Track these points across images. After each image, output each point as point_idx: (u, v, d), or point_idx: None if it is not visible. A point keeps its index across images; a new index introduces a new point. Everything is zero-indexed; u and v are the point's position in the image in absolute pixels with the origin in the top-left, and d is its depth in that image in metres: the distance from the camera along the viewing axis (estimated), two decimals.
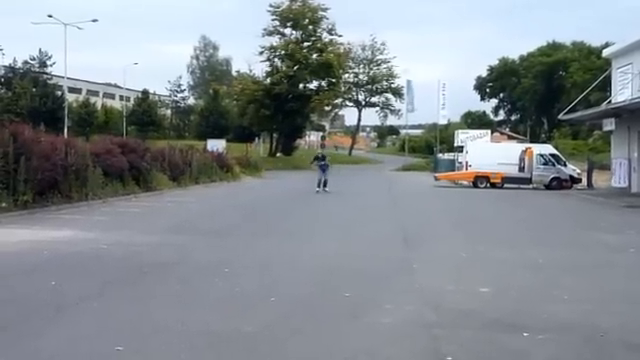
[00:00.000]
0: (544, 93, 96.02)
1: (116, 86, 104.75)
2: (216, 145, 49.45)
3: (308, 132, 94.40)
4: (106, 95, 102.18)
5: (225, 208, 22.33)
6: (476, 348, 6.41)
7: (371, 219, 19.17)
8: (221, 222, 17.37)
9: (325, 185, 30.13)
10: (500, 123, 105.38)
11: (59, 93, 72.67)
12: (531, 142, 57.07)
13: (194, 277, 9.72)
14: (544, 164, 38.57)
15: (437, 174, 44.12)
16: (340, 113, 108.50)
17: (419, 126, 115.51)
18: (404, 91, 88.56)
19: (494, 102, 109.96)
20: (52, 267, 10.28)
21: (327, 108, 78.95)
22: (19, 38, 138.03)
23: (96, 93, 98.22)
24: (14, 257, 11.13)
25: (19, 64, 78.98)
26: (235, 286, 9.00)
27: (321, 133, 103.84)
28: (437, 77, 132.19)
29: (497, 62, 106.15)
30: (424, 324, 7.25)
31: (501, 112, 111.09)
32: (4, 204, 16.49)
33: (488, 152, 41.49)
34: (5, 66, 78.33)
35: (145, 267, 10.38)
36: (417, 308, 7.98)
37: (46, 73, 79.63)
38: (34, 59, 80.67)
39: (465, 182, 40.54)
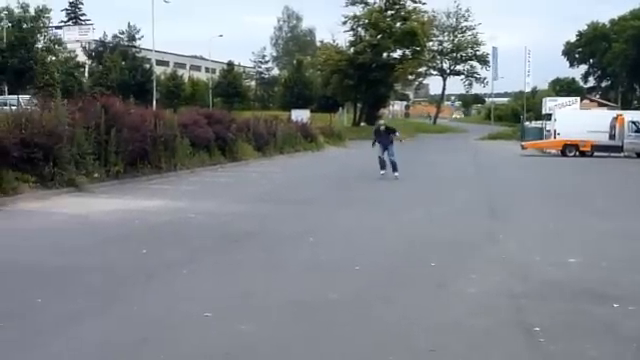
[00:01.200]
0: (636, 58, 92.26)
1: (202, 58, 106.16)
2: (300, 115, 49.71)
3: (392, 101, 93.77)
4: (192, 67, 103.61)
5: (309, 178, 22.48)
6: (564, 319, 6.29)
7: (456, 189, 18.98)
8: (305, 192, 17.50)
9: (394, 168, 21.10)
10: (590, 90, 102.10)
11: (147, 66, 74.10)
12: (622, 109, 55.21)
13: (279, 246, 9.84)
14: (636, 132, 37.28)
15: (524, 142, 43.22)
16: (424, 82, 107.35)
17: (505, 94, 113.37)
18: (489, 58, 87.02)
19: (583, 68, 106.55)
20: (143, 235, 10.56)
21: (411, 77, 78.03)
22: (109, 13, 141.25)
23: (183, 65, 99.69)
24: (107, 226, 11.47)
25: (109, 38, 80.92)
26: (320, 255, 9.08)
27: (405, 102, 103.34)
28: (524, 43, 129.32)
29: (586, 27, 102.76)
30: (510, 294, 7.17)
31: (591, 79, 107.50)
32: (97, 174, 16.95)
33: (577, 120, 40.44)
34: (96, 40, 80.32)
35: (232, 236, 10.57)
36: (503, 278, 7.89)
37: (135, 46, 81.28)
38: (123, 33, 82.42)
39: (553, 151, 39.66)
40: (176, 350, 5.38)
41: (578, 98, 58.65)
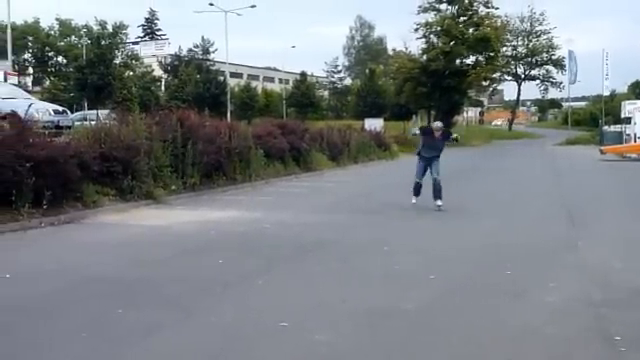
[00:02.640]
0: None
1: (275, 70, 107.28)
2: (374, 124, 49.59)
3: (466, 108, 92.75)
4: (266, 79, 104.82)
5: (383, 187, 22.37)
6: None
7: (534, 195, 18.65)
8: (379, 201, 17.44)
9: (437, 194, 14.91)
10: None
11: (221, 78, 75.23)
12: None
13: (354, 255, 9.84)
14: None
15: (603, 147, 42.17)
16: (499, 88, 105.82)
17: (582, 98, 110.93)
18: (565, 62, 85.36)
19: None
20: (219, 246, 10.69)
21: (485, 83, 76.98)
22: (183, 27, 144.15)
23: (256, 77, 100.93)
24: (183, 237, 11.66)
25: (184, 52, 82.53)
26: (394, 264, 9.03)
27: (479, 109, 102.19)
28: (602, 46, 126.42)
29: None
30: (590, 303, 7.01)
31: None
32: (174, 187, 17.23)
33: None
34: (171, 55, 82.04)
35: (307, 246, 10.62)
36: (583, 286, 7.73)
37: (209, 60, 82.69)
38: (197, 47, 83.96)
39: (634, 155, 38.58)
40: None
41: None
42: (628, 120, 46.11)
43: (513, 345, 5.70)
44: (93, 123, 19.42)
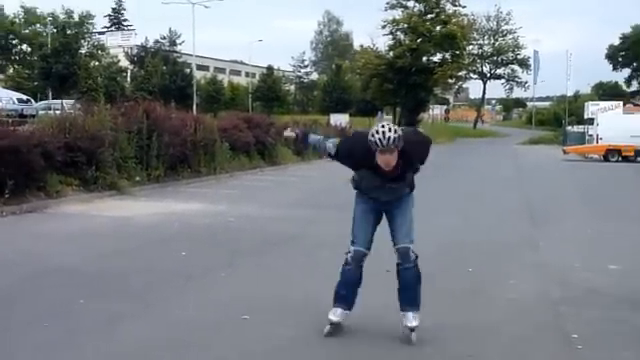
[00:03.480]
0: None
1: (242, 63, 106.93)
2: (339, 119, 49.78)
3: (432, 105, 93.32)
4: (232, 72, 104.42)
5: (347, 182, 22.44)
6: (603, 327, 6.26)
7: (495, 194, 18.83)
8: (343, 196, 17.47)
9: (407, 295, 5.91)
10: (634, 94, 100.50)
11: (188, 71, 74.86)
12: None
13: (318, 250, 9.88)
14: None
15: (566, 147, 42.76)
16: (464, 86, 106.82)
17: (547, 98, 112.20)
18: (531, 62, 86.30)
19: (627, 72, 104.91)
20: (182, 238, 10.67)
21: (451, 81, 77.59)
22: (151, 18, 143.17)
23: (223, 70, 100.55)
24: (147, 229, 11.63)
25: (150, 43, 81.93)
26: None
27: (445, 106, 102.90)
28: (566, 47, 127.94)
29: (630, 30, 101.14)
30: (549, 301, 7.14)
31: (634, 82, 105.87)
32: (138, 178, 17.17)
33: (620, 124, 39.84)
34: (138, 46, 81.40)
35: (271, 239, 10.65)
36: (542, 284, 7.86)
37: (176, 52, 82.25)
38: (164, 38, 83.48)
39: (595, 156, 39.17)
40: (213, 352, 5.47)
41: (621, 102, 57.73)
42: (591, 121, 46.78)
43: (473, 342, 5.78)
44: (58, 113, 19.22)
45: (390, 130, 5.22)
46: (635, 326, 6.28)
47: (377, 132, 5.22)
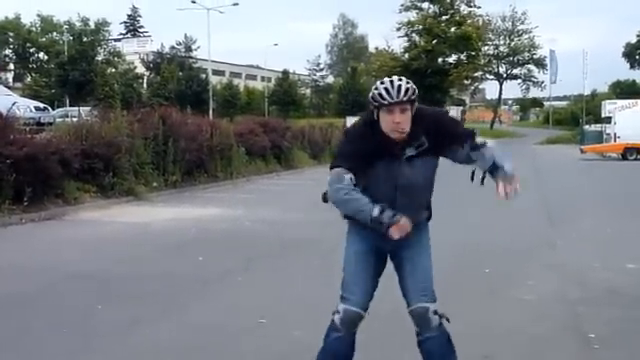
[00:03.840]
0: None
1: (258, 67, 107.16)
2: None
3: (448, 107, 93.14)
4: (248, 77, 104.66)
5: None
6: (622, 327, 6.22)
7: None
8: None
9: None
10: None
11: (204, 76, 75.14)
12: None
13: (334, 253, 9.86)
14: None
15: (583, 147, 42.54)
16: (481, 87, 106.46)
17: (564, 97, 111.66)
18: (547, 62, 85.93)
19: None
20: (199, 243, 10.71)
21: (466, 82, 77.55)
22: (166, 25, 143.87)
23: (239, 75, 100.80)
24: (164, 234, 11.69)
25: (166, 49, 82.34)
26: None
27: (461, 107, 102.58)
28: (583, 46, 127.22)
29: None
30: (567, 301, 7.11)
31: None
32: (155, 184, 17.27)
33: (638, 122, 39.64)
34: (153, 52, 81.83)
35: (287, 243, 10.67)
36: (560, 285, 7.82)
37: (191, 57, 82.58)
38: (180, 44, 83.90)
39: (613, 154, 38.95)
40: (229, 356, 5.49)
41: (639, 100, 57.32)
42: (608, 120, 46.53)
43: (489, 343, 5.77)
44: (75, 120, 19.36)
45: (401, 80, 3.90)
46: None
47: (382, 82, 3.93)
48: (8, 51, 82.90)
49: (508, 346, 5.71)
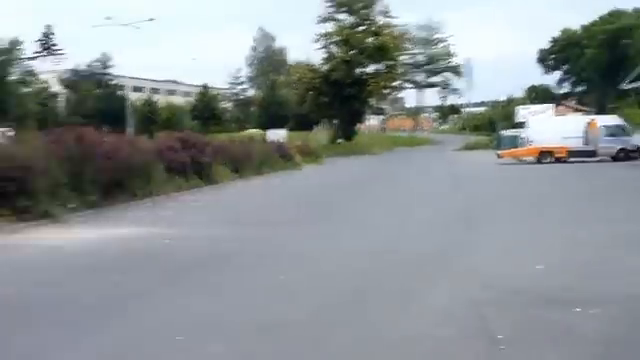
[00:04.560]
0: (609, 62, 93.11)
1: (177, 82, 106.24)
2: (277, 135, 49.86)
3: (368, 116, 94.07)
4: (168, 92, 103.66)
5: (284, 198, 22.54)
6: (526, 326, 6.47)
7: (429, 202, 19.11)
8: (279, 212, 17.58)
9: None
10: (565, 96, 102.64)
11: (122, 93, 74.15)
12: (598, 113, 55.68)
13: (253, 267, 9.95)
14: (609, 136, 37.86)
15: (500, 151, 43.55)
16: (400, 95, 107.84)
17: (482, 103, 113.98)
18: (463, 69, 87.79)
19: (558, 75, 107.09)
20: (118, 263, 10.64)
21: (385, 91, 78.29)
22: (81, 41, 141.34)
23: (158, 91, 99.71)
24: (81, 255, 11.53)
25: (82, 67, 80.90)
26: (282, 274, 9.18)
27: (382, 117, 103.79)
28: (497, 53, 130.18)
29: (559, 34, 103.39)
30: (474, 303, 7.32)
31: (566, 84, 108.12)
32: (73, 205, 16.99)
33: (551, 126, 40.90)
34: (70, 70, 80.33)
35: (206, 259, 10.69)
36: (470, 288, 8.03)
37: (109, 74, 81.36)
38: (97, 61, 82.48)
39: (529, 158, 39.98)
40: None
41: (551, 105, 59.14)
42: (522, 124, 47.74)
43: (401, 348, 5.93)
44: None
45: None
46: (556, 323, 6.49)
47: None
48: None
49: (419, 350, 5.88)
